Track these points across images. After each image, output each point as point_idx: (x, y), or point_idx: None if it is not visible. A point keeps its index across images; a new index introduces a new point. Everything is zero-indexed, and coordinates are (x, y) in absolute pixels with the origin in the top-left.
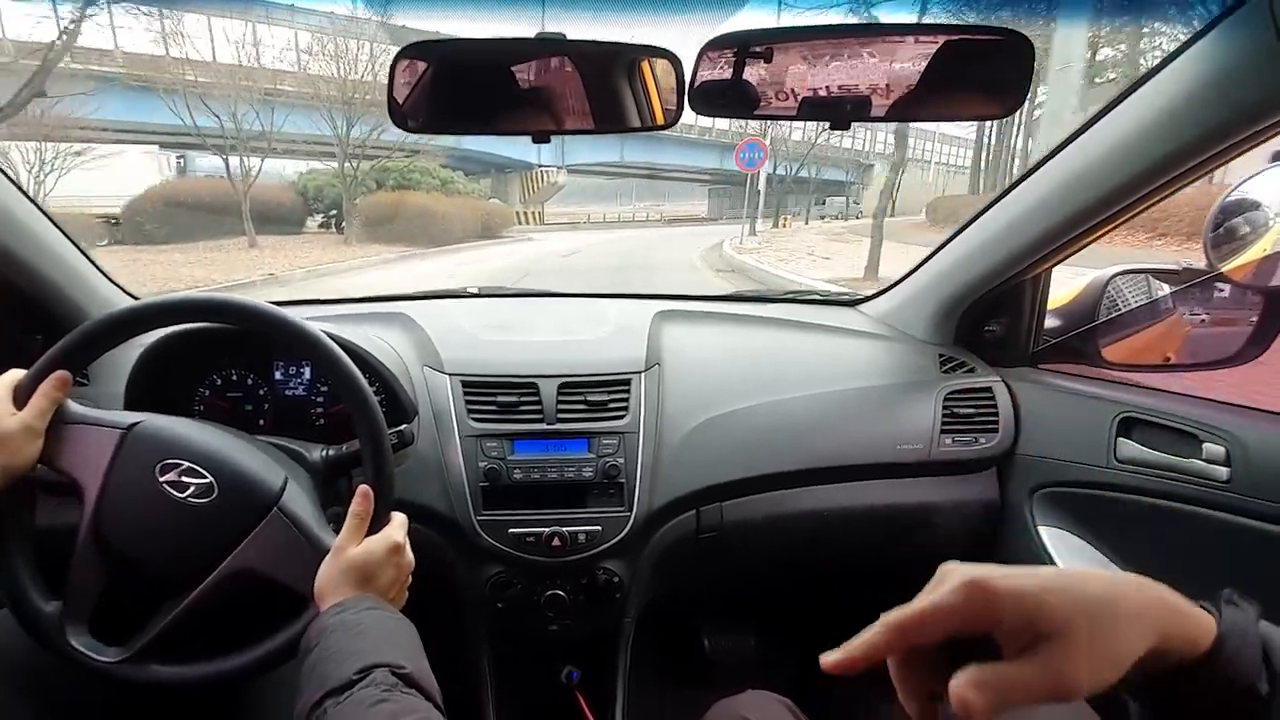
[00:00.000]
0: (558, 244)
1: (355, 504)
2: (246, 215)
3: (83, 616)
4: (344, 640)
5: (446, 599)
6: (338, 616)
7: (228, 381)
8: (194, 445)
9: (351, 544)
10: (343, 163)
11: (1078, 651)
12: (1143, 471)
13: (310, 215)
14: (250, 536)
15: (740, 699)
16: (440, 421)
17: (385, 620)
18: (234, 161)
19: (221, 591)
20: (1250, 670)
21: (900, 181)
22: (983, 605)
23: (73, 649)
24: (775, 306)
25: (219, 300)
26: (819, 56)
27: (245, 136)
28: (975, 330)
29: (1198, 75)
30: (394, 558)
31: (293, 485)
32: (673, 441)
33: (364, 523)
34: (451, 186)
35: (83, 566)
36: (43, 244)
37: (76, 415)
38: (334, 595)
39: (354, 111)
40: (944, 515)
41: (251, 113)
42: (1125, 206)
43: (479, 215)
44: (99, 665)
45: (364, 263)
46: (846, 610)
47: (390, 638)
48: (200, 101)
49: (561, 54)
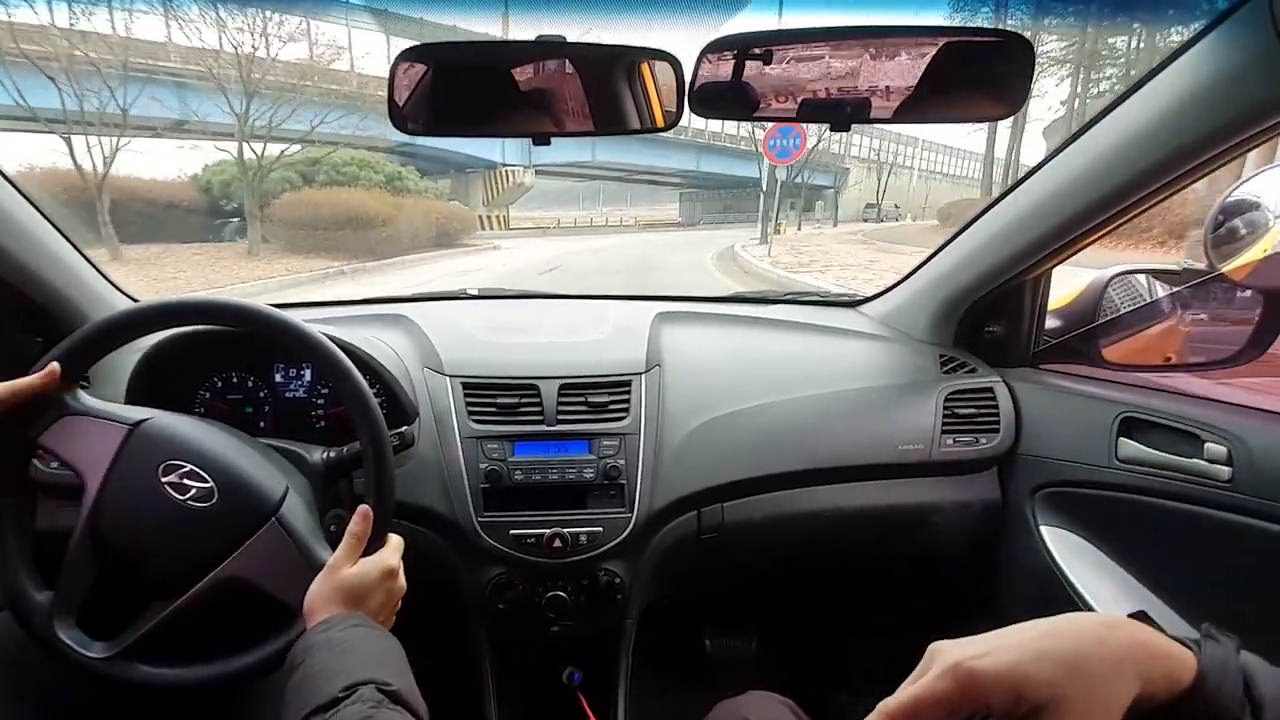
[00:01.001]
0: (530, 254)
1: (354, 524)
2: (103, 216)
3: (72, 609)
4: (330, 658)
5: (448, 601)
6: (324, 634)
7: (228, 384)
8: (198, 448)
9: (346, 564)
10: (241, 148)
11: (1072, 716)
12: (1144, 471)
13: (224, 218)
14: (245, 545)
15: (742, 699)
16: (441, 423)
17: (372, 638)
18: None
19: (211, 597)
20: (1232, 704)
21: (885, 186)
22: (970, 690)
23: (59, 640)
24: (776, 307)
25: (219, 302)
26: (818, 58)
27: (104, 118)
28: (976, 331)
29: (1198, 76)
30: (387, 582)
31: (293, 496)
32: (673, 442)
33: (361, 543)
34: (400, 184)
35: (76, 558)
36: (42, 246)
37: (85, 406)
38: (323, 613)
39: (255, 88)
40: (945, 516)
41: (119, 88)
42: (1126, 207)
43: (433, 219)
44: (84, 660)
45: (262, 286)
46: (848, 611)
47: (377, 655)
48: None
49: (561, 56)
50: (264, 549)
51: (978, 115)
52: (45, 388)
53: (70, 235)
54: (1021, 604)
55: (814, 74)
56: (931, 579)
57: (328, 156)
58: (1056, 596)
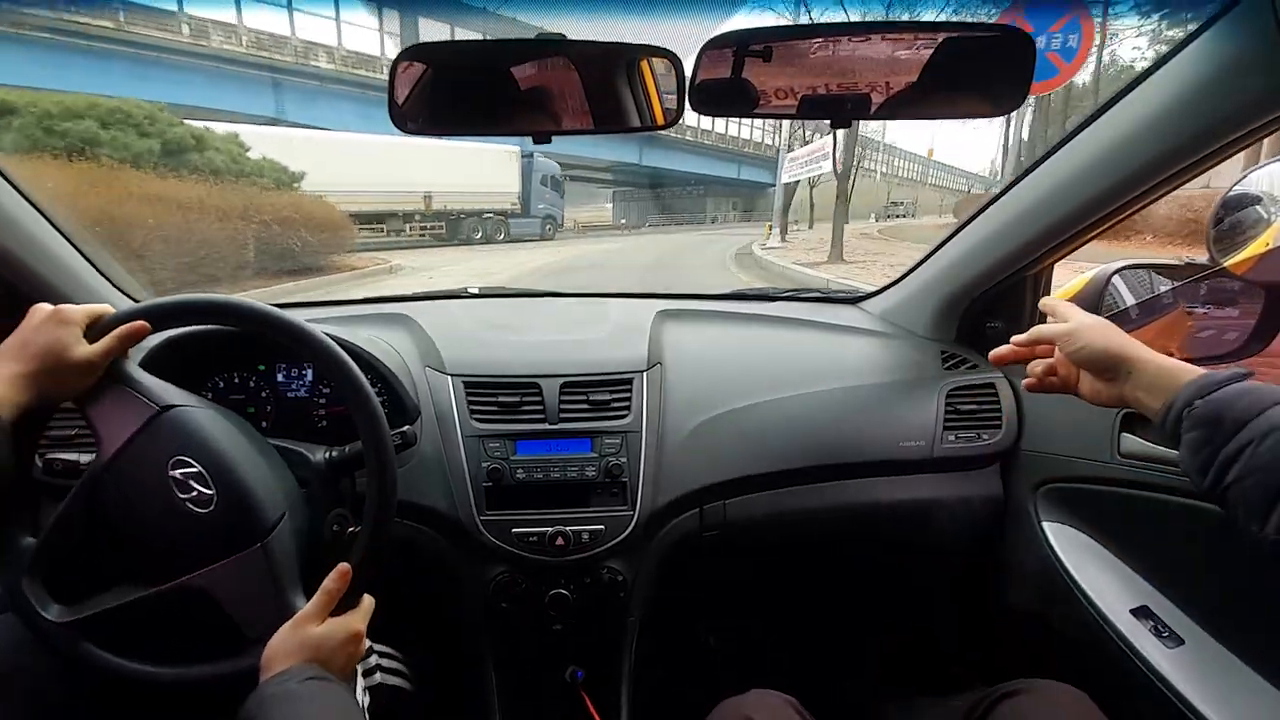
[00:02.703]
0: (445, 279)
1: (329, 581)
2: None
3: (44, 565)
4: (287, 711)
5: (450, 600)
6: (281, 686)
7: (230, 384)
8: (212, 451)
9: (314, 621)
10: None
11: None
12: (1146, 467)
13: None
14: (223, 562)
15: (746, 698)
16: (443, 422)
17: (328, 692)
18: None
19: (175, 600)
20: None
21: (854, 186)
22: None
23: (22, 591)
24: (777, 304)
25: (221, 302)
26: (818, 55)
27: None
28: (977, 327)
29: (1199, 71)
30: (349, 647)
31: (285, 524)
32: (675, 440)
33: (333, 601)
34: (235, 166)
35: (66, 515)
36: (41, 245)
37: (126, 374)
38: (282, 664)
39: None
40: (947, 512)
41: None
42: (1127, 202)
43: (266, 224)
44: (37, 618)
45: None
46: (850, 607)
47: (334, 710)
48: None
49: (561, 54)
50: (240, 572)
51: (978, 111)
52: (136, 332)
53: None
54: (1023, 599)
55: (814, 70)
56: (934, 575)
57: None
58: (1058, 592)
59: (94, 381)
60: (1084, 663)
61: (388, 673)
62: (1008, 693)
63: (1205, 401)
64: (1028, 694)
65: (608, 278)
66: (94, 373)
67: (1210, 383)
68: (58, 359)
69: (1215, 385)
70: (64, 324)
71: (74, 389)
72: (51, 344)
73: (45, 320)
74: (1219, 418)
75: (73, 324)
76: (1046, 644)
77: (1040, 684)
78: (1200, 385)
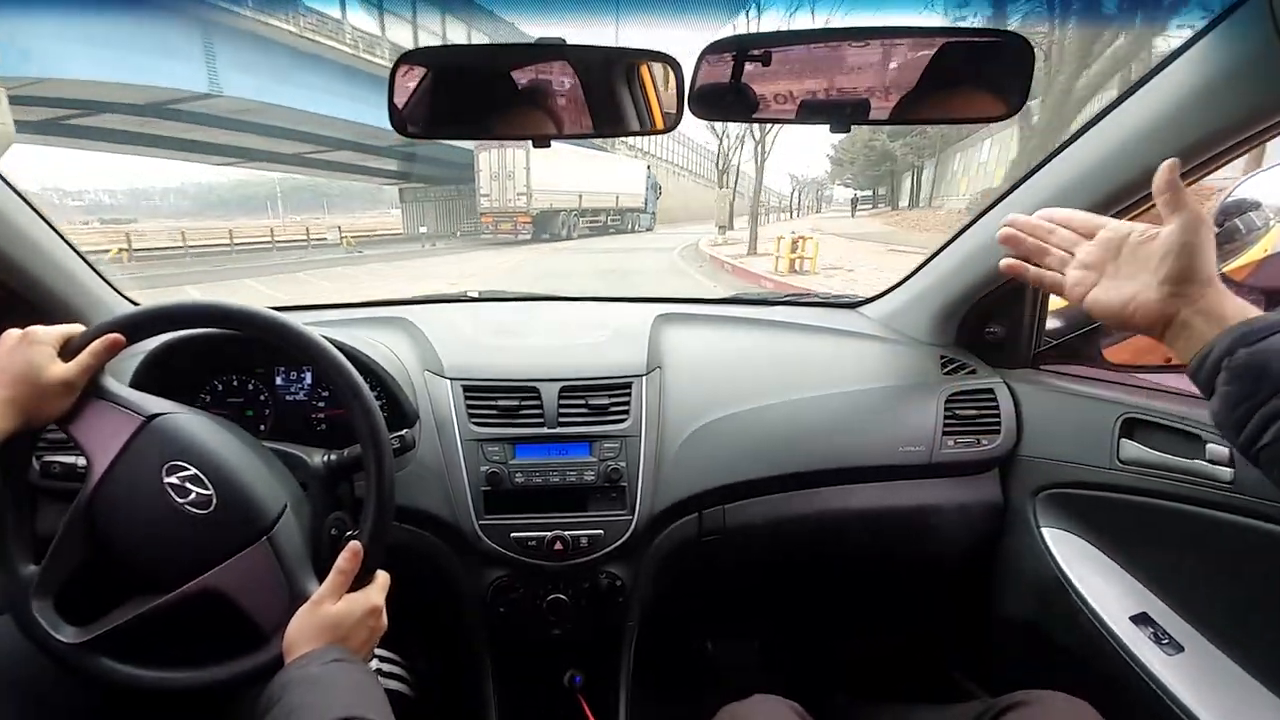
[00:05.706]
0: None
1: (342, 560)
2: None
3: (51, 588)
4: (309, 694)
5: (449, 604)
6: (303, 669)
7: (229, 387)
8: (205, 452)
9: (331, 599)
10: None
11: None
12: (1146, 472)
13: None
14: (232, 559)
15: (748, 704)
16: (441, 426)
17: (351, 673)
18: None
19: (188, 605)
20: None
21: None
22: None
23: (33, 616)
24: (776, 309)
25: (220, 306)
26: (818, 59)
27: None
28: (977, 332)
29: (1198, 76)
30: (370, 620)
31: (288, 516)
32: (674, 445)
33: (348, 580)
34: None
35: (65, 538)
36: (42, 250)
37: (106, 390)
38: (304, 647)
39: None
40: (946, 517)
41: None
42: (1126, 208)
43: None
44: (52, 642)
45: None
46: (850, 612)
47: (356, 690)
48: None
49: (561, 59)
50: (250, 566)
51: (977, 115)
52: (111, 346)
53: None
54: (1023, 605)
55: (813, 75)
56: (933, 580)
57: None
58: (1057, 598)
59: (75, 400)
60: (1083, 669)
61: (387, 677)
62: (1011, 704)
63: (1250, 351)
64: (1032, 706)
65: None
66: (73, 391)
67: (1256, 330)
68: (33, 381)
69: (1261, 334)
70: (35, 344)
71: (56, 410)
72: (25, 367)
73: (16, 344)
74: (1264, 370)
75: (44, 344)
76: (1046, 650)
77: (1044, 695)
78: (1245, 332)
